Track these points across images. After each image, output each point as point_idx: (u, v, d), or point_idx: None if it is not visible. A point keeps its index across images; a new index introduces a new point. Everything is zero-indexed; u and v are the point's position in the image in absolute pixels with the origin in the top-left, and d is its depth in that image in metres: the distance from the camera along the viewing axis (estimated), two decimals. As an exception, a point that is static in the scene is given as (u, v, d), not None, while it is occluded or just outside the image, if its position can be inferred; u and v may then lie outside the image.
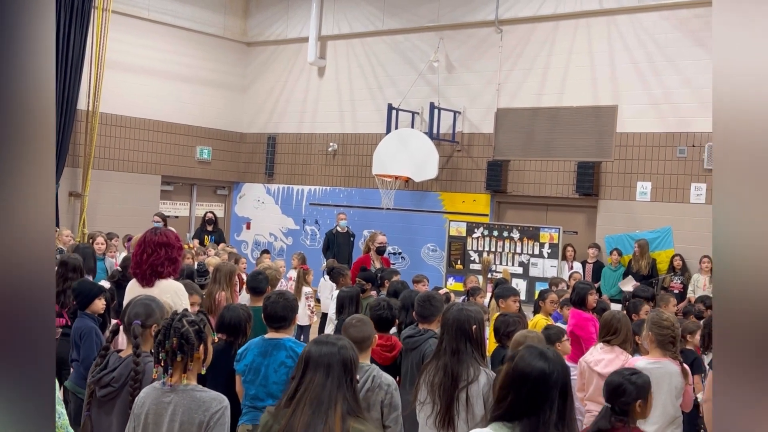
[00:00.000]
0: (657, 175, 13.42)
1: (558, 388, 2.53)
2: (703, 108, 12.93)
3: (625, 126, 13.77)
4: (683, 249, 12.88)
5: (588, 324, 6.91)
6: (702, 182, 12.95)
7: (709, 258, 12.43)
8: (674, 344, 5.24)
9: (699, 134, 12.97)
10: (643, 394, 3.89)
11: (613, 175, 13.86)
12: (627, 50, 13.78)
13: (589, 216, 14.23)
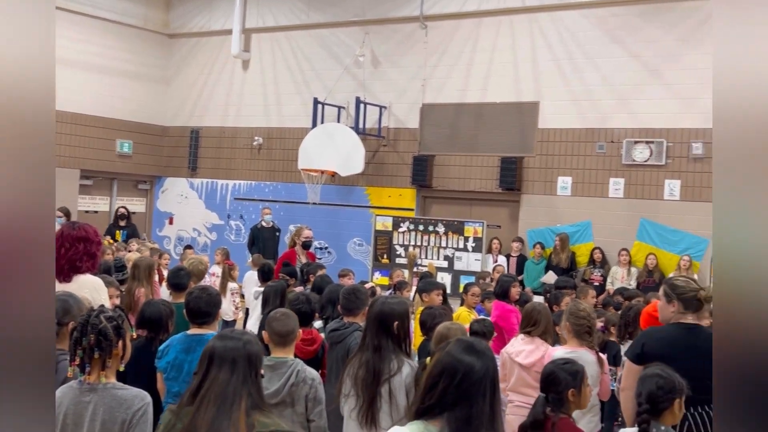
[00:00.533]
0: (577, 170, 13.75)
1: (488, 381, 2.52)
2: (621, 104, 13.30)
3: (546, 122, 14.04)
4: (602, 242, 13.23)
5: (510, 315, 7.03)
6: (620, 177, 13.31)
7: (627, 251, 12.81)
8: (590, 334, 5.38)
9: (617, 130, 13.33)
10: (575, 382, 3.94)
11: (535, 170, 14.13)
12: (548, 47, 14.06)
13: (512, 210, 14.48)
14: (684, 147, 12.81)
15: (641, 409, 3.30)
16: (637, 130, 13.19)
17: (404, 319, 4.10)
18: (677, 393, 3.36)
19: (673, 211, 12.81)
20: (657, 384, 3.36)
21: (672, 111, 12.90)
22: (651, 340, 4.45)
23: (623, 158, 13.25)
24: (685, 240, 12.59)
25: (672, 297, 4.46)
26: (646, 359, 4.33)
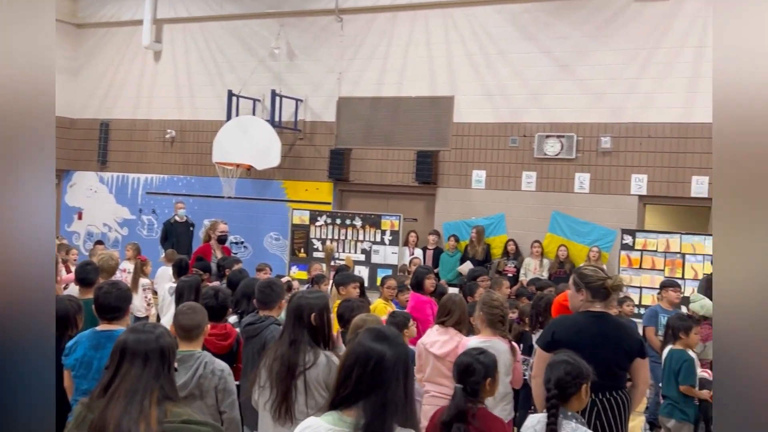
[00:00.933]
0: (491, 163, 13.97)
1: (400, 369, 2.52)
2: (533, 99, 13.58)
3: (461, 116, 14.22)
4: (515, 234, 13.49)
5: (425, 307, 7.10)
6: (532, 170, 13.59)
7: (539, 242, 13.10)
8: (503, 323, 5.48)
9: (529, 124, 13.60)
10: (491, 372, 4.01)
11: (450, 164, 14.29)
12: (462, 43, 14.23)
13: (428, 203, 14.61)
14: (593, 141, 13.17)
15: (550, 395, 3.38)
16: (549, 125, 13.49)
17: (322, 312, 4.09)
18: (584, 378, 3.46)
19: (583, 204, 13.17)
20: (565, 370, 3.44)
21: (581, 106, 13.25)
22: (560, 327, 4.57)
23: (535, 152, 13.54)
24: (594, 232, 12.96)
25: (581, 286, 4.59)
26: (556, 346, 4.44)
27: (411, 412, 2.52)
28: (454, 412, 3.87)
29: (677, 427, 6.29)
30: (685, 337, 6.40)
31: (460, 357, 4.16)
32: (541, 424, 3.43)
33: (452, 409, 3.90)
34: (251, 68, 15.72)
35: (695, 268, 11.68)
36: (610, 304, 4.65)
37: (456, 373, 4.04)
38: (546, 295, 6.77)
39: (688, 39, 12.51)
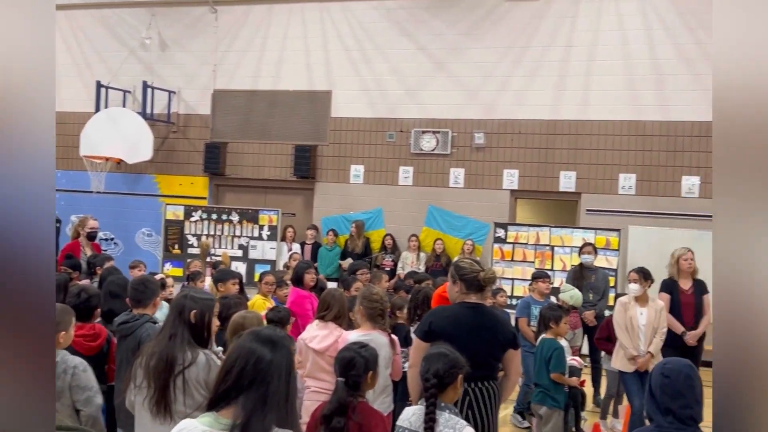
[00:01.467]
0: (369, 158, 14.06)
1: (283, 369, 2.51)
2: (409, 95, 13.76)
3: (339, 111, 14.23)
4: (393, 229, 13.64)
5: (305, 302, 7.06)
6: (409, 165, 13.78)
7: (416, 236, 13.29)
8: (383, 317, 5.52)
9: (406, 120, 13.78)
10: (372, 365, 4.04)
11: (328, 159, 14.29)
12: (339, 37, 14.24)
13: (307, 198, 14.55)
14: (467, 137, 13.48)
15: (429, 385, 3.43)
16: (425, 120, 13.71)
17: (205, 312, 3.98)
18: (460, 369, 3.54)
19: (458, 198, 13.47)
20: (443, 361, 3.51)
21: (456, 102, 13.53)
22: (437, 318, 4.65)
23: (412, 147, 13.73)
24: (468, 225, 13.28)
25: (456, 278, 4.69)
26: (433, 337, 4.52)
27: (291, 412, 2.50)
28: (335, 406, 3.88)
29: (548, 413, 6.52)
30: (555, 327, 6.64)
31: (341, 351, 4.17)
32: (417, 416, 3.47)
33: (333, 403, 3.90)
34: (121, 59, 15.17)
35: (563, 259, 12.16)
36: (485, 295, 4.77)
37: (337, 367, 4.05)
38: (424, 288, 6.87)
39: (556, 39, 12.99)
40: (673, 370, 3.19)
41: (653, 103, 12.42)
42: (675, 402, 3.14)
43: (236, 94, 14.81)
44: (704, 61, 12.09)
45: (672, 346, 7.47)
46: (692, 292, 7.97)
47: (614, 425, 8.06)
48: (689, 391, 3.14)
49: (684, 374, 3.17)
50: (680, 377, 3.16)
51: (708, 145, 12.07)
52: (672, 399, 3.14)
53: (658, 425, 3.18)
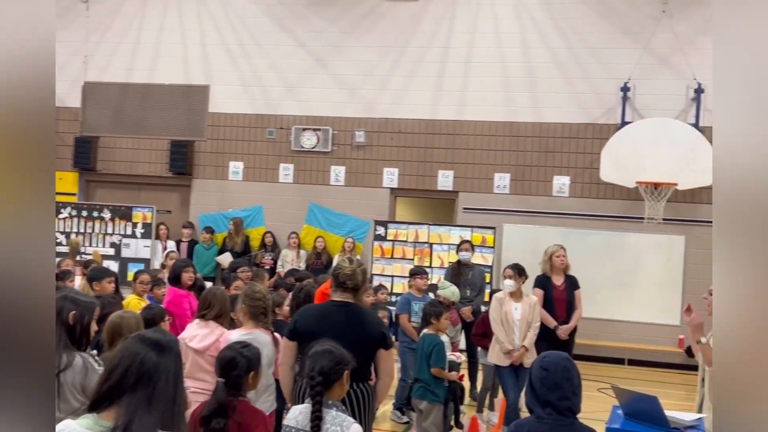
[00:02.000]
0: (248, 155, 13.87)
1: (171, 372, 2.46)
2: (290, 92, 13.66)
3: (217, 106, 13.96)
4: (273, 226, 13.50)
5: (183, 301, 6.89)
6: (290, 163, 13.69)
7: (297, 234, 13.20)
8: (265, 315, 5.46)
9: (286, 117, 13.67)
10: (254, 365, 3.97)
11: (206, 155, 13.99)
12: (218, 31, 13.97)
13: (183, 195, 14.20)
14: (348, 135, 13.52)
15: (314, 383, 3.41)
16: (305, 118, 13.64)
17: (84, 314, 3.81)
18: (346, 365, 3.54)
19: (339, 196, 13.48)
20: (328, 358, 3.49)
21: (337, 100, 13.53)
22: (302, 317, 4.63)
23: (292, 144, 13.64)
24: (349, 223, 13.32)
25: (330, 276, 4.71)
26: (298, 335, 4.48)
27: (178, 415, 2.44)
28: (215, 407, 3.81)
29: (428, 408, 6.62)
30: (436, 322, 6.75)
31: (223, 351, 4.09)
32: (304, 414, 3.45)
33: (213, 404, 3.83)
34: (-17, 46, 14.33)
35: (441, 256, 12.40)
36: (362, 293, 4.75)
37: (218, 367, 3.97)
38: (305, 286, 6.84)
39: (435, 39, 13.22)
40: (551, 363, 3.30)
41: (527, 105, 12.83)
42: (553, 394, 3.24)
43: (108, 87, 14.27)
44: (575, 65, 12.59)
45: (545, 340, 7.74)
46: (564, 287, 8.29)
47: (490, 418, 8.28)
48: (567, 383, 3.25)
49: (562, 367, 3.28)
50: (558, 370, 3.27)
51: (577, 146, 12.58)
52: (550, 391, 3.25)
53: (537, 417, 3.28)
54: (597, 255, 12.21)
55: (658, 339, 12.10)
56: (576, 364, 3.37)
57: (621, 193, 12.24)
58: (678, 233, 12.14)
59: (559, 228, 12.36)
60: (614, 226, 12.39)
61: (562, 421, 3.23)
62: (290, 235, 13.19)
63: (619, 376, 11.04)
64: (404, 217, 14.03)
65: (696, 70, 11.87)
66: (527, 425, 3.29)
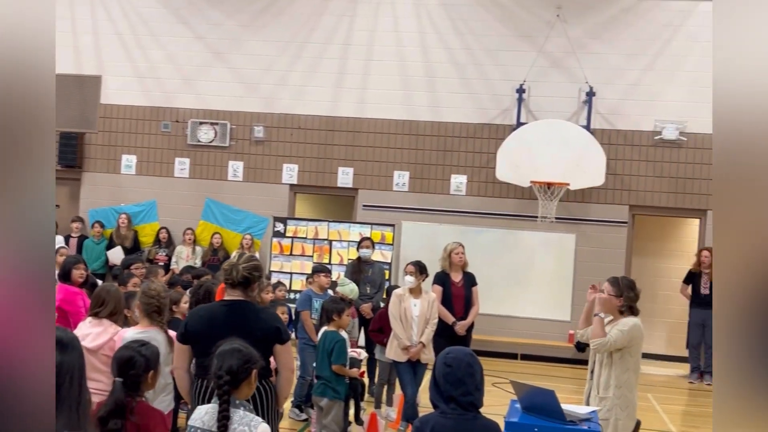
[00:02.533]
0: (142, 148, 13.49)
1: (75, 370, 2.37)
2: (186, 85, 13.35)
3: (110, 97, 13.52)
4: (168, 222, 13.18)
5: (76, 298, 6.63)
6: (185, 157, 13.39)
7: (192, 230, 12.92)
8: (160, 313, 5.32)
9: (182, 110, 13.36)
10: (153, 364, 3.87)
11: (97, 147, 13.53)
12: (111, 21, 13.52)
13: (73, 189, 13.67)
14: (246, 130, 13.34)
15: (222, 382, 3.34)
16: (202, 111, 13.38)
17: None
18: (254, 363, 3.48)
19: (237, 192, 13.29)
20: (236, 357, 3.43)
21: (235, 94, 13.33)
22: (192, 319, 4.54)
23: (188, 138, 13.35)
24: (247, 219, 13.14)
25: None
26: (189, 337, 4.39)
27: (84, 416, 2.34)
28: (112, 407, 3.70)
29: (329, 405, 6.60)
30: (338, 319, 6.74)
31: (120, 350, 3.97)
32: (210, 414, 3.38)
33: (110, 405, 3.71)
34: None
35: (341, 253, 12.40)
36: (252, 291, 4.65)
37: (115, 366, 3.85)
38: (205, 283, 6.69)
39: (335, 36, 13.20)
40: (455, 359, 3.34)
41: (426, 104, 12.99)
42: (457, 390, 3.29)
43: (-8, 74, 13.58)
44: (472, 66, 12.83)
45: (443, 336, 7.85)
46: (462, 284, 8.43)
47: (388, 413, 8.34)
48: (470, 379, 3.31)
49: (465, 363, 3.33)
50: (462, 366, 3.31)
51: (474, 146, 12.83)
52: (454, 387, 3.29)
53: (441, 412, 3.32)
54: (492, 252, 12.49)
55: (550, 334, 12.49)
56: (479, 360, 3.43)
57: (516, 192, 12.56)
58: (569, 231, 12.56)
59: (456, 226, 12.57)
60: (509, 224, 12.70)
61: (466, 415, 3.29)
62: (186, 231, 12.90)
63: (513, 371, 11.33)
64: (304, 214, 13.95)
65: (588, 74, 12.31)
66: (432, 421, 3.32)
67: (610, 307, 5.35)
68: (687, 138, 12.34)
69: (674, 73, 12.45)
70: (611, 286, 5.37)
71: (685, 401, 10.89)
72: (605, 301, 5.35)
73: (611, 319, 5.43)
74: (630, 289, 5.36)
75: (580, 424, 4.73)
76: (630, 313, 5.32)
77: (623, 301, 5.31)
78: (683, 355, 12.65)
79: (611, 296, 5.33)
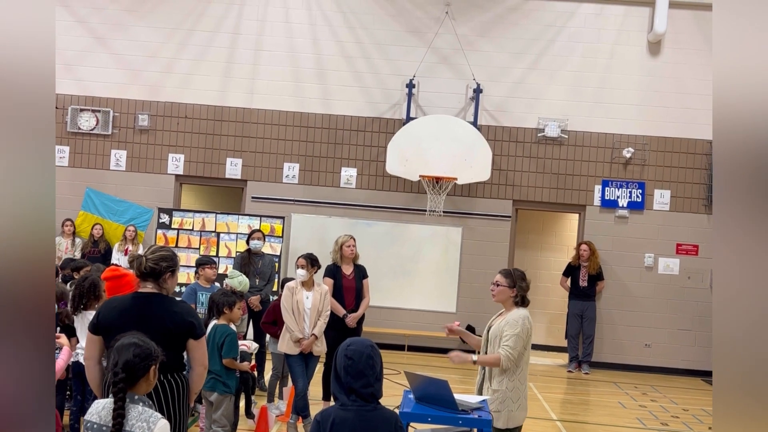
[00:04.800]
0: (18, 135, 12.84)
1: None
2: (66, 70, 12.78)
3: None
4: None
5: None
6: (66, 145, 12.89)
7: (72, 221, 12.43)
8: None
9: (62, 96, 12.81)
10: None
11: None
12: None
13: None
14: (130, 118, 12.93)
15: (117, 379, 3.24)
16: (83, 98, 12.88)
17: None
18: (153, 360, 3.39)
19: (120, 181, 12.87)
20: (134, 352, 3.33)
21: (119, 81, 12.90)
22: (105, 309, 4.43)
23: (68, 126, 12.82)
24: (131, 210, 12.74)
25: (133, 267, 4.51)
26: (102, 329, 4.28)
27: None
28: None
29: (219, 399, 6.51)
30: (228, 312, 6.65)
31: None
32: (107, 409, 3.27)
33: None
34: None
35: (229, 246, 12.22)
36: (164, 283, 4.58)
37: None
38: (90, 276, 6.47)
39: (223, 25, 12.97)
40: (356, 352, 3.37)
41: (316, 96, 12.96)
42: (357, 382, 3.32)
43: None
44: (363, 60, 12.90)
45: (334, 328, 7.88)
46: (353, 276, 8.47)
47: (279, 406, 8.30)
48: (370, 371, 3.34)
49: (366, 355, 3.36)
50: (362, 358, 3.34)
51: (364, 139, 12.90)
52: (354, 379, 3.32)
53: (342, 404, 3.34)
54: (381, 245, 12.62)
55: (435, 325, 12.73)
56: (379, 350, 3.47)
57: (405, 186, 12.73)
58: (455, 225, 12.84)
59: (346, 218, 12.62)
60: (398, 217, 12.86)
61: (366, 407, 3.32)
62: (65, 222, 12.39)
63: (400, 362, 11.50)
64: (190, 205, 13.67)
65: (475, 71, 12.59)
66: (333, 414, 3.34)
67: (503, 297, 5.49)
68: (568, 135, 12.83)
69: (557, 72, 12.91)
70: (504, 278, 5.51)
71: (564, 389, 11.35)
72: (498, 292, 5.48)
73: (501, 312, 5.59)
74: (522, 279, 5.52)
75: (471, 413, 4.86)
76: (522, 303, 5.49)
77: (516, 292, 5.47)
78: (562, 345, 13.20)
79: (504, 287, 5.48)
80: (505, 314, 5.51)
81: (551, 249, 14.33)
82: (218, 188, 13.94)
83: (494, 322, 5.57)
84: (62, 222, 12.38)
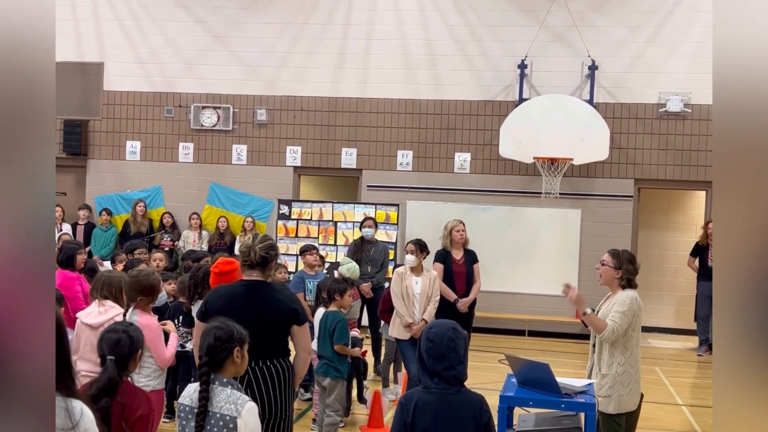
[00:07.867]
0: (146, 134, 13.52)
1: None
2: (188, 69, 13.34)
3: (112, 84, 13.54)
4: (173, 207, 13.23)
5: (74, 283, 6.68)
6: (189, 142, 13.41)
7: (198, 214, 12.97)
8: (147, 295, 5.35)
9: (185, 95, 13.37)
10: (139, 344, 3.90)
11: (102, 134, 13.57)
12: (111, 7, 13.53)
13: (79, 176, 13.74)
14: (249, 113, 13.34)
15: (202, 362, 3.37)
16: (204, 95, 13.38)
17: None
18: (235, 342, 3.47)
19: (241, 175, 13.31)
20: (215, 335, 3.44)
21: (237, 78, 13.32)
22: (212, 298, 4.59)
23: (191, 123, 13.37)
24: (252, 202, 13.17)
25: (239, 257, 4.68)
26: (209, 316, 4.45)
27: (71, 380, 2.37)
28: (104, 385, 3.71)
29: (332, 384, 6.63)
30: (339, 299, 6.76)
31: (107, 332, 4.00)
32: (198, 393, 3.40)
33: (102, 383, 3.73)
34: None
35: (346, 234, 12.42)
36: (270, 270, 4.71)
37: (106, 347, 3.87)
38: (203, 266, 6.71)
39: (335, 16, 13.14)
40: (437, 334, 3.35)
41: (427, 83, 12.93)
42: (440, 364, 3.30)
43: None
44: (473, 43, 12.76)
45: (446, 313, 7.86)
46: (463, 261, 8.43)
47: (396, 390, 8.37)
48: (452, 353, 3.32)
49: (447, 338, 3.33)
50: (444, 341, 3.32)
51: (477, 123, 12.78)
52: (436, 362, 3.31)
53: (425, 387, 3.34)
54: (497, 229, 12.47)
55: (556, 310, 12.48)
56: (463, 332, 3.44)
57: (519, 169, 12.52)
58: (574, 207, 12.52)
59: (461, 204, 12.55)
60: (513, 201, 12.67)
61: (449, 390, 3.30)
62: (191, 216, 12.96)
63: (520, 347, 11.35)
64: (308, 196, 13.97)
65: (590, 48, 12.21)
66: (416, 396, 3.34)
67: (608, 278, 5.33)
68: (691, 109, 12.25)
69: (677, 45, 12.34)
70: (611, 258, 5.34)
71: (694, 374, 10.88)
72: (603, 272, 5.33)
73: (609, 295, 5.42)
74: (630, 262, 5.33)
75: (575, 396, 4.74)
76: (628, 286, 5.30)
77: (622, 274, 5.29)
78: (692, 328, 12.64)
79: (609, 268, 5.31)
80: (612, 297, 5.35)
81: (678, 228, 13.73)
82: (335, 178, 14.17)
83: (602, 305, 5.42)
84: (189, 216, 12.96)
